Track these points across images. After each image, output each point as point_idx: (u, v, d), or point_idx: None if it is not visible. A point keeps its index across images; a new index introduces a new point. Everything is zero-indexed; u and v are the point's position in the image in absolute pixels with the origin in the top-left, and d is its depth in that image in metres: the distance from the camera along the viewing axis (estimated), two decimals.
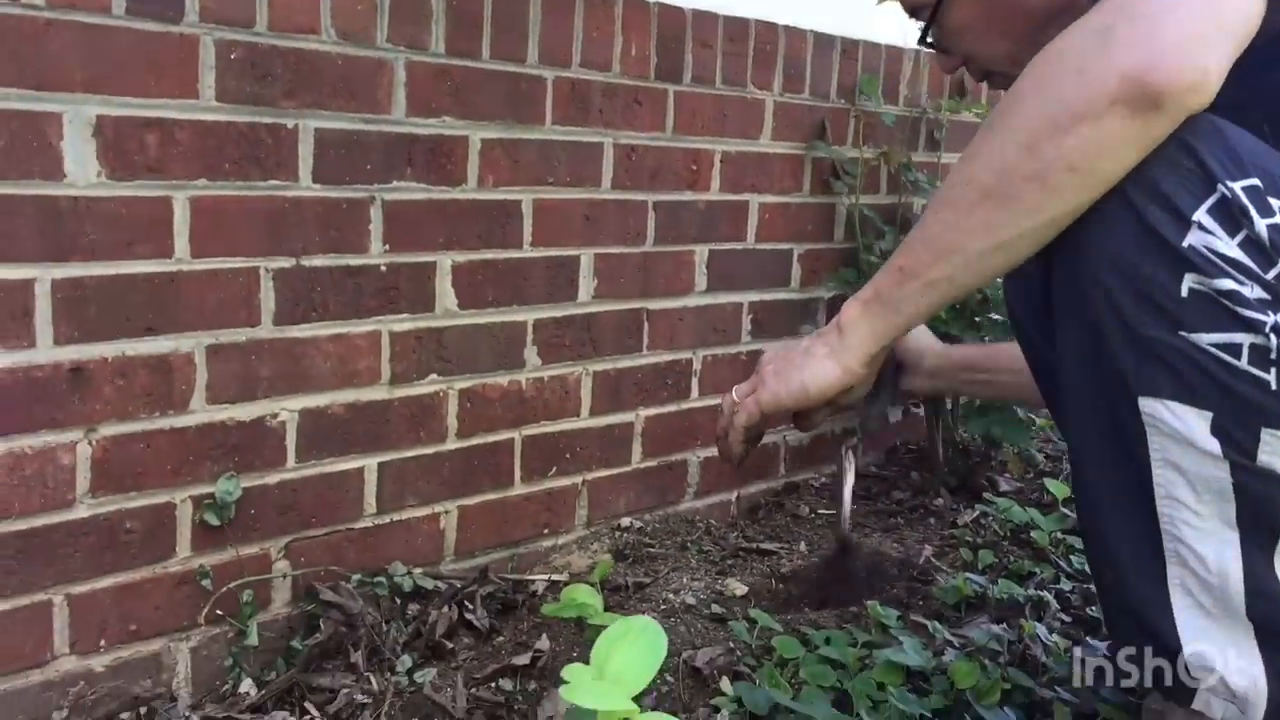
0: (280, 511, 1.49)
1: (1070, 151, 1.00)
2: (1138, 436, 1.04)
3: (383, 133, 1.51)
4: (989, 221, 1.06)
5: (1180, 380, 1.00)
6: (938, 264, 1.10)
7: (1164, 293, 1.00)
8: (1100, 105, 0.98)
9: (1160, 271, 1.00)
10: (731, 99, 1.98)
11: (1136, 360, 1.02)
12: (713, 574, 1.83)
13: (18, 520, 1.27)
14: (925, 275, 1.11)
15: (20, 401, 1.26)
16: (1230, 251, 0.98)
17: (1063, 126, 1.00)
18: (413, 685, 1.43)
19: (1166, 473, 1.03)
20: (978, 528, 2.07)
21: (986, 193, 1.05)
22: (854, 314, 1.19)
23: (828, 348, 1.20)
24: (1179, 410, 1.01)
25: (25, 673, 1.30)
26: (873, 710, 1.34)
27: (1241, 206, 0.98)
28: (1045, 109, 1.01)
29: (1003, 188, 1.04)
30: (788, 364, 1.23)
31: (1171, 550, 1.05)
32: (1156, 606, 1.07)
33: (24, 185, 1.23)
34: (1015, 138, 1.03)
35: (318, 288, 1.48)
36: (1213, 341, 0.99)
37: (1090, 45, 1.00)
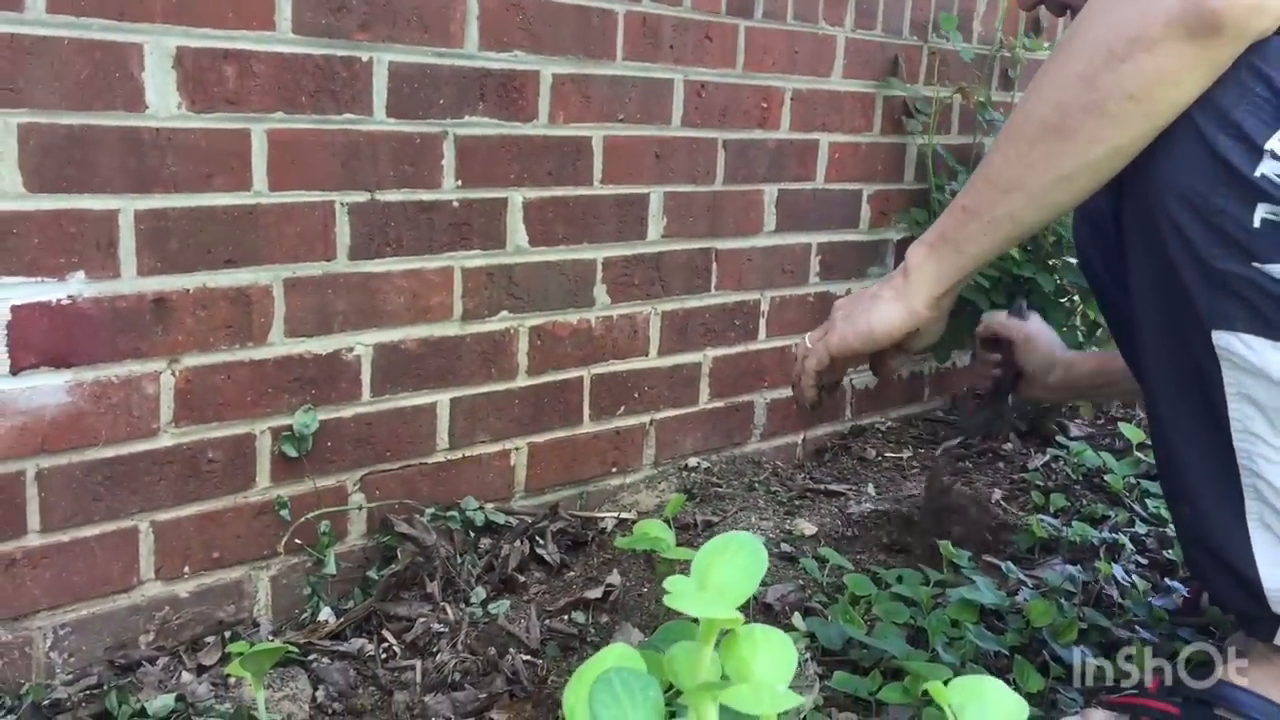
0: (356, 445, 1.51)
1: (1128, 79, 0.98)
2: (1212, 371, 1.02)
3: (455, 66, 1.51)
4: (1050, 154, 1.04)
5: (1254, 312, 0.98)
6: (1001, 201, 1.09)
7: (1235, 224, 0.97)
8: (1156, 30, 0.95)
9: (1231, 202, 0.97)
10: (803, 35, 1.94)
11: (1209, 293, 1.00)
12: (781, 514, 1.83)
13: (105, 448, 1.30)
14: (988, 213, 1.10)
15: (106, 331, 1.28)
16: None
17: (1119, 54, 0.97)
18: (487, 616, 1.45)
19: (1242, 407, 1.02)
20: (1049, 472, 2.04)
21: (1047, 126, 1.04)
22: (919, 257, 1.18)
23: (894, 291, 1.20)
24: (1253, 343, 0.99)
25: (113, 597, 1.33)
26: (948, 646, 1.34)
27: None
28: (1102, 37, 0.99)
29: (1063, 119, 1.02)
30: (855, 308, 1.23)
31: (1249, 485, 1.04)
32: (1235, 541, 1.06)
33: (107, 116, 1.24)
34: (1074, 68, 1.01)
35: (391, 223, 1.49)
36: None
37: None
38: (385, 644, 1.40)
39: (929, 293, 1.17)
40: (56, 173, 1.21)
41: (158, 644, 1.36)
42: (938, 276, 1.16)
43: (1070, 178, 1.05)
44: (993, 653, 1.34)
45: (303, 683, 1.30)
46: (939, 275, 1.16)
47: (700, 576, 0.65)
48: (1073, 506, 1.89)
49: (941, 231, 1.16)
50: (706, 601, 0.61)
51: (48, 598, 1.28)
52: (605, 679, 0.57)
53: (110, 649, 1.33)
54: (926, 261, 1.17)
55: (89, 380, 1.27)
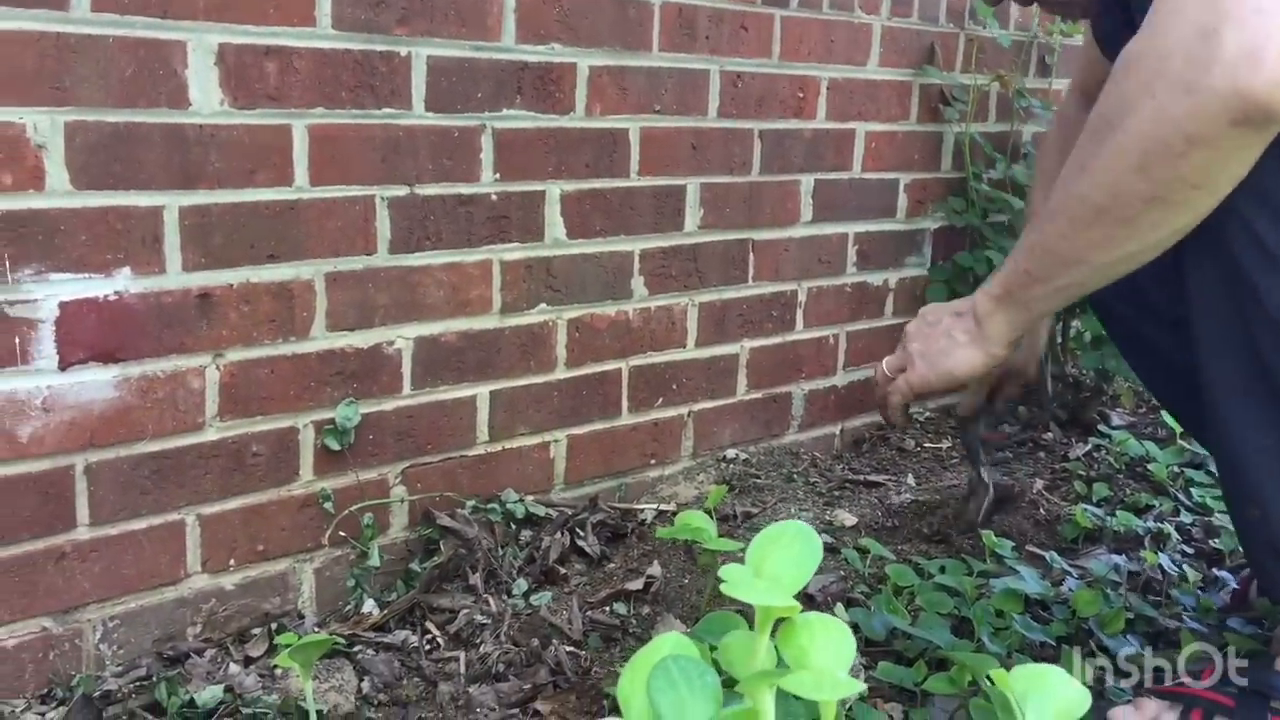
0: (397, 437, 1.52)
1: (1189, 174, 0.95)
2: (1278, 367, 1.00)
3: (493, 60, 1.51)
4: (1111, 237, 1.04)
5: None
6: (1064, 272, 1.11)
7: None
8: (1218, 128, 0.91)
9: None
10: (838, 24, 1.93)
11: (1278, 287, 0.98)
12: (820, 505, 1.83)
13: (152, 442, 1.31)
14: (1052, 282, 1.13)
15: (151, 326, 1.29)
16: None
17: (1176, 150, 0.94)
18: (529, 607, 1.45)
19: None
20: (1091, 461, 2.03)
21: (1102, 210, 1.02)
22: (988, 308, 1.21)
23: (968, 336, 1.24)
24: None
25: (160, 589, 1.35)
26: (994, 636, 1.33)
27: None
28: (1154, 130, 0.95)
29: (1121, 208, 1.01)
30: (933, 347, 1.28)
31: None
32: None
33: (151, 113, 1.25)
34: (1125, 159, 0.98)
35: (431, 216, 1.49)
36: None
37: (1195, 53, 0.90)
38: (429, 635, 1.41)
39: (1005, 339, 1.22)
40: (102, 170, 1.23)
41: (205, 636, 1.38)
42: (1010, 326, 1.21)
43: (1134, 255, 1.05)
44: (1039, 643, 1.33)
45: (348, 674, 1.30)
46: (1011, 325, 1.21)
47: (755, 565, 0.65)
48: (1116, 496, 1.87)
49: (1007, 288, 1.18)
50: (763, 590, 0.61)
51: (97, 591, 1.30)
52: (663, 666, 0.57)
53: (158, 641, 1.35)
54: (996, 313, 1.21)
55: (136, 375, 1.29)
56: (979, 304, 1.22)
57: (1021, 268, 1.15)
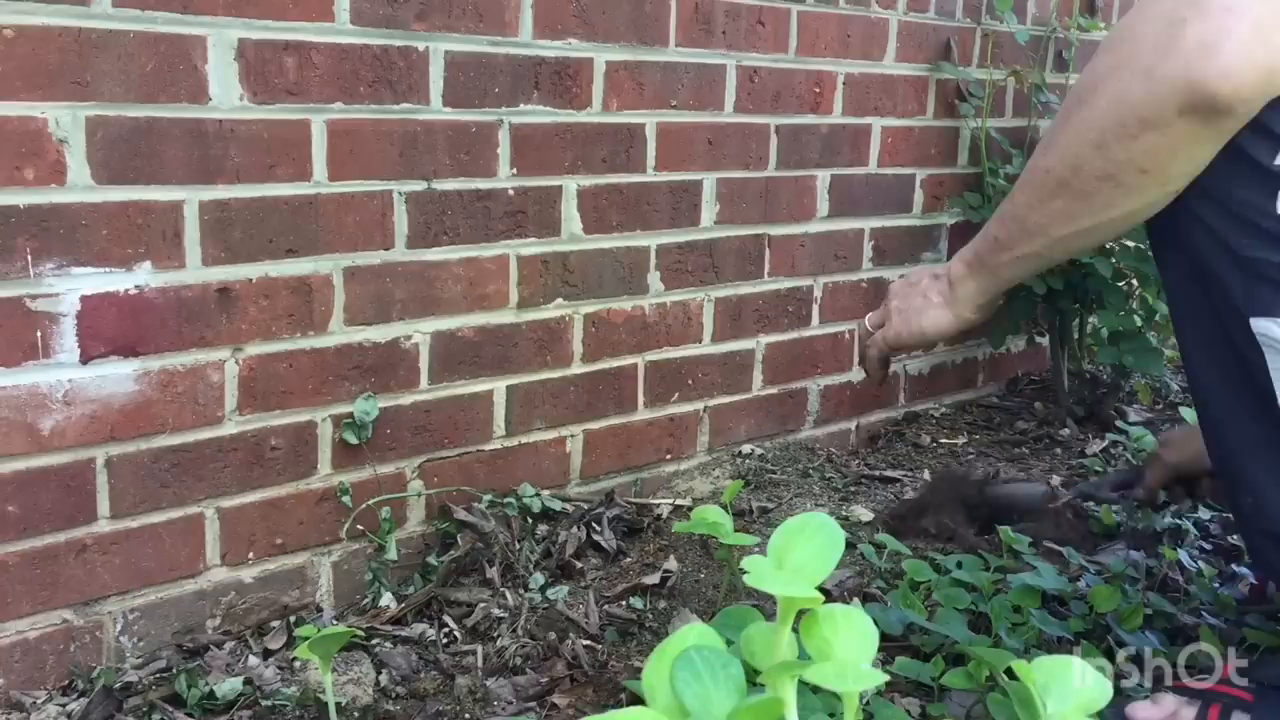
0: (414, 432, 1.52)
1: (1140, 156, 1.00)
2: (1255, 358, 1.02)
3: (510, 55, 1.51)
4: (1068, 211, 1.09)
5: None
6: (1027, 240, 1.15)
7: (1260, 213, 0.97)
8: (1168, 114, 0.96)
9: (1253, 193, 0.97)
10: (855, 19, 1.93)
11: (1243, 282, 1.00)
12: (836, 500, 1.82)
13: (172, 435, 1.32)
14: (1016, 249, 1.17)
15: (171, 320, 1.29)
16: None
17: (1131, 131, 0.99)
18: (546, 601, 1.46)
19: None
20: (1108, 457, 2.02)
21: (1063, 183, 1.07)
22: (960, 271, 1.27)
23: (941, 297, 1.29)
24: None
25: (180, 582, 1.36)
26: (1012, 631, 1.33)
27: None
28: (1115, 110, 1.00)
29: (1079, 182, 1.06)
30: (909, 305, 1.34)
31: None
32: None
33: (172, 108, 1.26)
34: (1088, 134, 1.03)
35: (448, 211, 1.50)
36: None
37: (1160, 40, 0.95)
38: (446, 629, 1.41)
39: (973, 303, 1.27)
40: (123, 164, 1.23)
41: (224, 628, 1.38)
42: (979, 290, 1.26)
43: (1089, 231, 1.10)
44: (1057, 638, 1.33)
45: (366, 667, 1.31)
46: (979, 290, 1.26)
47: (777, 557, 0.65)
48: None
49: (978, 253, 1.24)
50: (787, 581, 0.61)
51: (117, 583, 1.30)
52: (687, 657, 0.57)
53: (178, 633, 1.35)
54: (968, 278, 1.26)
55: (156, 369, 1.29)
56: (953, 268, 1.28)
57: (992, 234, 1.21)
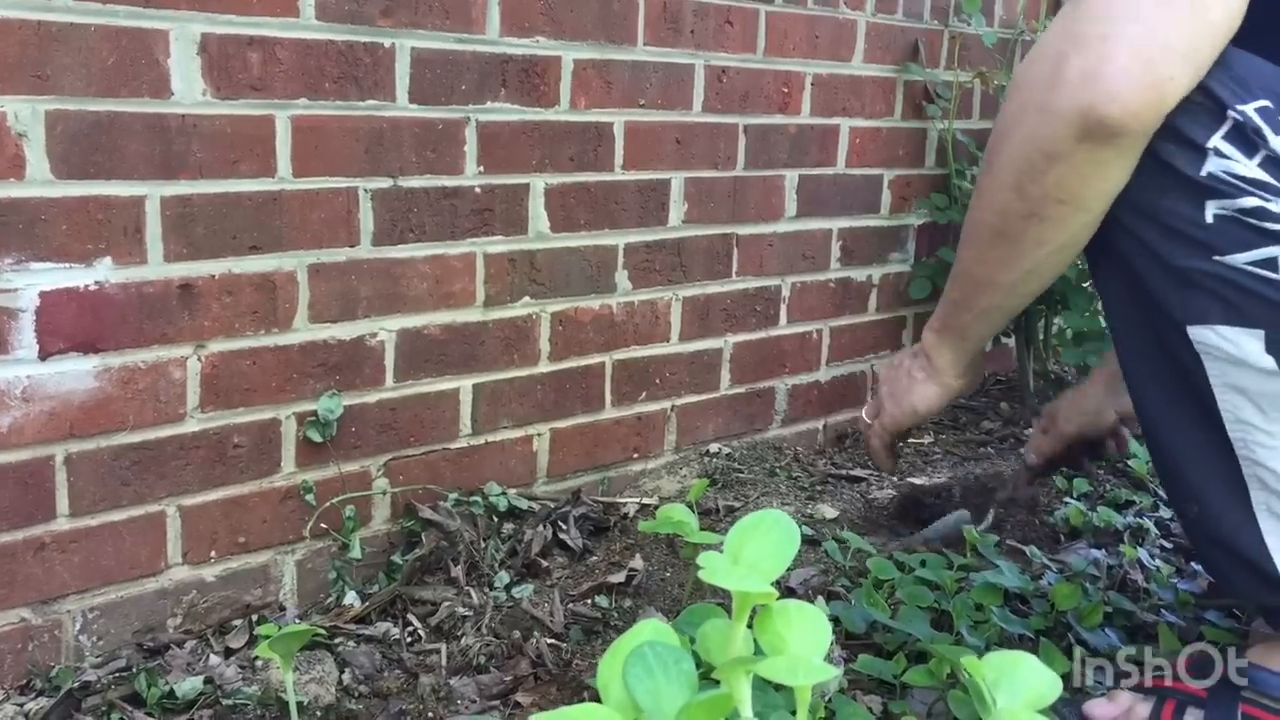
0: (379, 430, 1.52)
1: (1053, 189, 1.03)
2: (1194, 366, 1.03)
3: (477, 53, 1.51)
4: (1007, 256, 1.12)
5: (1224, 303, 0.99)
6: (981, 295, 1.19)
7: (1189, 222, 0.99)
8: (1066, 145, 0.99)
9: (1181, 204, 1.00)
10: (823, 19, 1.94)
11: (1178, 292, 1.02)
12: (802, 499, 1.83)
13: (133, 433, 1.31)
14: (975, 307, 1.21)
15: (132, 317, 1.28)
16: (1250, 172, 0.96)
17: (1039, 167, 1.02)
18: (511, 600, 1.45)
19: (1230, 397, 1.02)
20: None
21: (995, 231, 1.10)
22: (932, 341, 1.31)
23: (924, 372, 1.33)
24: (1229, 333, 1.00)
25: (141, 580, 1.34)
26: (973, 629, 1.33)
27: (1255, 127, 0.96)
28: (1021, 150, 1.03)
29: (1007, 226, 1.09)
30: (897, 388, 1.38)
31: (1251, 474, 1.04)
32: (1246, 534, 1.06)
33: (133, 103, 1.25)
34: (1003, 179, 1.06)
35: (414, 209, 1.49)
36: (1248, 260, 0.97)
37: (1049, 77, 0.99)
38: (410, 628, 1.41)
39: (954, 370, 1.31)
40: (83, 159, 1.22)
41: (185, 627, 1.37)
42: (955, 356, 1.30)
43: (1033, 271, 1.12)
44: (1018, 635, 1.34)
45: (329, 665, 1.30)
46: (955, 355, 1.29)
47: (733, 553, 0.65)
48: (1096, 492, 1.88)
49: (943, 320, 1.28)
50: (741, 577, 0.61)
51: (77, 581, 1.29)
52: (639, 653, 0.57)
53: (138, 632, 1.34)
54: (940, 346, 1.30)
55: (116, 366, 1.28)
56: (925, 340, 1.31)
57: (950, 297, 1.24)
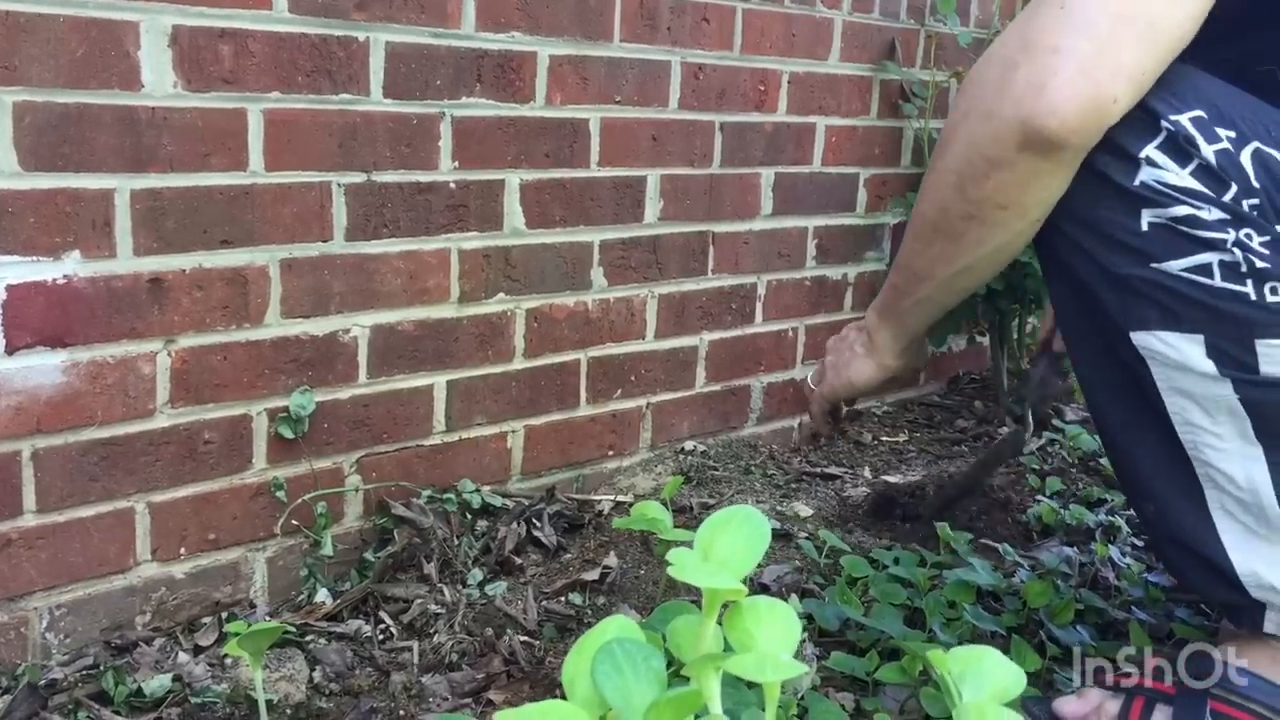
0: (352, 426, 1.51)
1: (994, 193, 1.04)
2: (1141, 371, 1.05)
3: (452, 47, 1.50)
4: (945, 253, 1.13)
5: (1164, 310, 1.01)
6: (919, 286, 1.20)
7: (1125, 231, 1.01)
8: (1009, 152, 1.00)
9: (1117, 213, 1.01)
10: (800, 17, 1.94)
11: (1119, 299, 1.04)
12: (777, 497, 1.83)
13: (101, 428, 1.29)
14: (913, 295, 1.22)
15: (101, 311, 1.27)
16: (1183, 182, 0.98)
17: (981, 171, 1.03)
18: (484, 597, 1.45)
19: (1177, 399, 1.04)
20: (1045, 455, 2.05)
21: (936, 228, 1.11)
22: (874, 321, 1.32)
23: (864, 348, 1.34)
24: (1169, 338, 1.01)
25: (109, 577, 1.33)
26: (946, 627, 1.34)
27: (1188, 136, 0.98)
28: (965, 153, 1.04)
29: (948, 224, 1.10)
30: (839, 359, 1.38)
31: (1204, 474, 1.06)
32: (1203, 533, 1.07)
33: (103, 95, 1.23)
34: (947, 179, 1.07)
35: (388, 204, 1.48)
36: (1183, 267, 0.99)
37: (997, 84, 1.00)
38: (382, 625, 1.40)
39: (892, 350, 1.32)
40: (52, 151, 1.21)
41: (154, 625, 1.36)
42: (894, 337, 1.30)
43: (969, 269, 1.14)
44: (990, 633, 1.35)
45: (299, 663, 1.29)
46: (894, 337, 1.30)
47: (703, 549, 0.65)
48: (1069, 490, 1.89)
49: (885, 303, 1.29)
50: (710, 573, 0.61)
51: (44, 578, 1.28)
52: (607, 649, 0.57)
53: (106, 630, 1.33)
54: (881, 327, 1.31)
55: (85, 360, 1.27)
56: (868, 319, 1.33)
57: (891, 282, 1.25)
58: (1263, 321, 0.98)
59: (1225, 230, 0.97)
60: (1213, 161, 0.97)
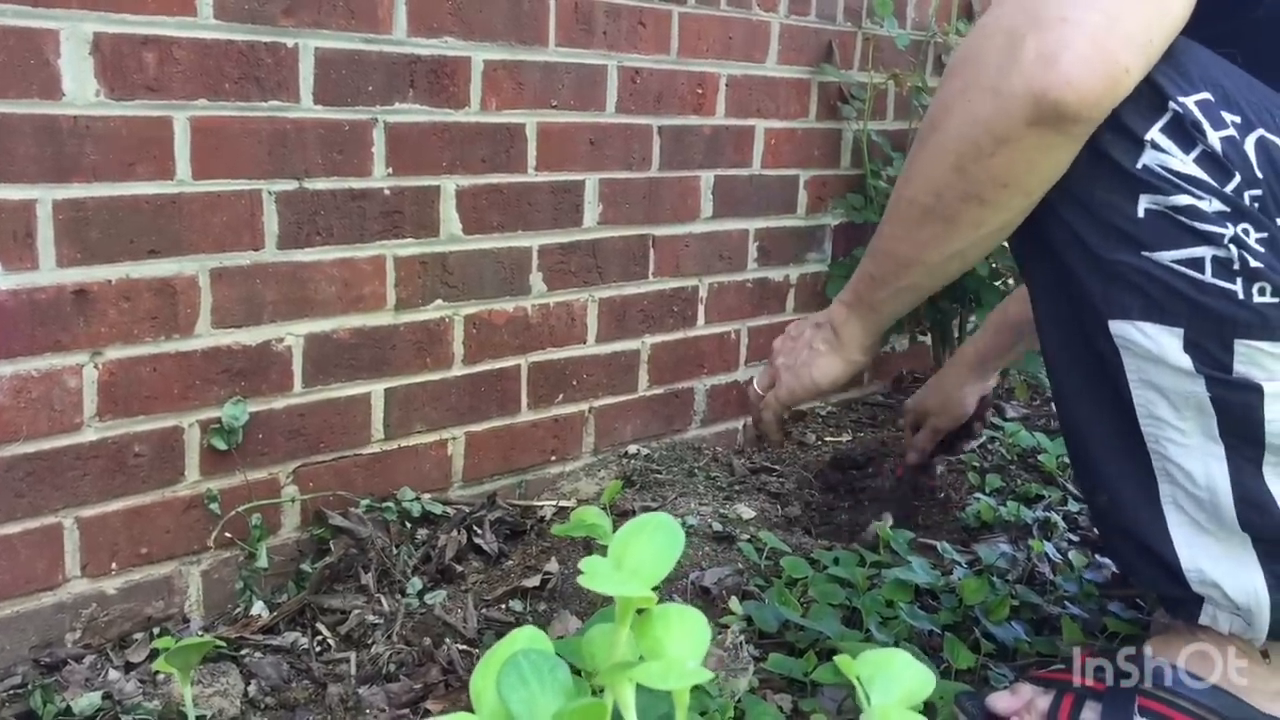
0: (288, 436, 1.49)
1: (998, 171, 1.00)
2: (1112, 361, 1.04)
3: (384, 53, 1.49)
4: (937, 236, 1.09)
5: (1148, 300, 1.00)
6: (902, 273, 1.16)
7: (1121, 215, 0.99)
8: (1018, 128, 0.96)
9: (1115, 196, 0.99)
10: (736, 20, 1.95)
11: (1103, 285, 1.02)
12: (720, 499, 1.83)
13: (25, 443, 1.27)
14: (894, 283, 1.18)
15: (24, 324, 1.25)
16: (1185, 168, 0.96)
17: (985, 149, 0.99)
18: (423, 607, 1.44)
19: (1145, 392, 1.03)
20: (985, 452, 2.06)
21: (928, 210, 1.07)
22: (841, 315, 1.27)
23: (828, 345, 1.29)
24: (1149, 330, 1.00)
25: (37, 595, 1.31)
26: (882, 626, 1.35)
27: (1194, 121, 0.96)
28: (966, 131, 1.00)
29: (943, 207, 1.06)
30: (797, 360, 1.33)
31: (1160, 468, 1.05)
32: (1152, 526, 1.07)
33: (22, 104, 1.21)
34: (944, 159, 1.03)
35: (321, 211, 1.47)
36: (1175, 258, 0.97)
37: (1002, 57, 0.96)
38: (319, 637, 1.39)
39: (859, 345, 1.27)
40: None
41: (84, 641, 1.34)
42: (864, 331, 1.26)
43: (961, 253, 1.10)
44: (926, 631, 1.36)
45: (234, 678, 1.28)
46: (864, 330, 1.26)
47: (617, 557, 0.65)
48: (1008, 486, 1.91)
49: (857, 293, 1.24)
50: (621, 581, 0.61)
51: None
52: (513, 662, 0.56)
53: (35, 648, 1.31)
54: (849, 321, 1.26)
55: (8, 374, 1.24)
56: (834, 312, 1.28)
57: (866, 271, 1.21)
58: (1245, 321, 0.97)
59: (1224, 224, 0.95)
60: (1217, 149, 0.95)
